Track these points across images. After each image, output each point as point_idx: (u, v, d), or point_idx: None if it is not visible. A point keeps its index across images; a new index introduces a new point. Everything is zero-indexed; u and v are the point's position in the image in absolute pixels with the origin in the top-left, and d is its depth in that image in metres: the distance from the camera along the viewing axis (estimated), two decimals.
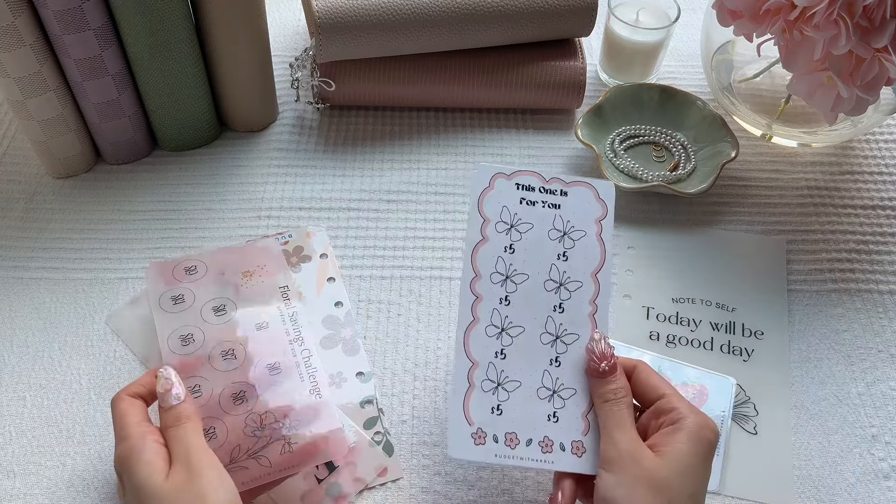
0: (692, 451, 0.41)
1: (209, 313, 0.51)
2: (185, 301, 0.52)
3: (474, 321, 0.45)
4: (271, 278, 0.54)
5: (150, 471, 0.40)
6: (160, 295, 0.52)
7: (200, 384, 0.47)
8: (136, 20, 0.58)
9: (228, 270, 0.54)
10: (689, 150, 0.67)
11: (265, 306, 0.53)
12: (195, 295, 0.52)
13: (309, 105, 0.72)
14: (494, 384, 0.45)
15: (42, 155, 0.64)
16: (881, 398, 0.55)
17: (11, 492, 0.50)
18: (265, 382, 0.48)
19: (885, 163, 0.70)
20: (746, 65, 0.71)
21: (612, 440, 0.42)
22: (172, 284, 0.53)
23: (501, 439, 0.44)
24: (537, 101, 0.71)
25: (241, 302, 0.52)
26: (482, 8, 0.66)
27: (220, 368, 0.48)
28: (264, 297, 0.53)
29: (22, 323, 0.57)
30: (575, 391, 0.45)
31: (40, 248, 0.62)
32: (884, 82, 0.55)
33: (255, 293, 0.53)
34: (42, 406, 0.53)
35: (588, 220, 0.47)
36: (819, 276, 0.62)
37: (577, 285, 0.46)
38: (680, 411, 0.43)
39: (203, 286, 0.53)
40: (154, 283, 0.53)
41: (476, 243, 0.46)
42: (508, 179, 0.47)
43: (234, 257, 0.55)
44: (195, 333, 0.50)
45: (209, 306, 0.52)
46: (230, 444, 0.46)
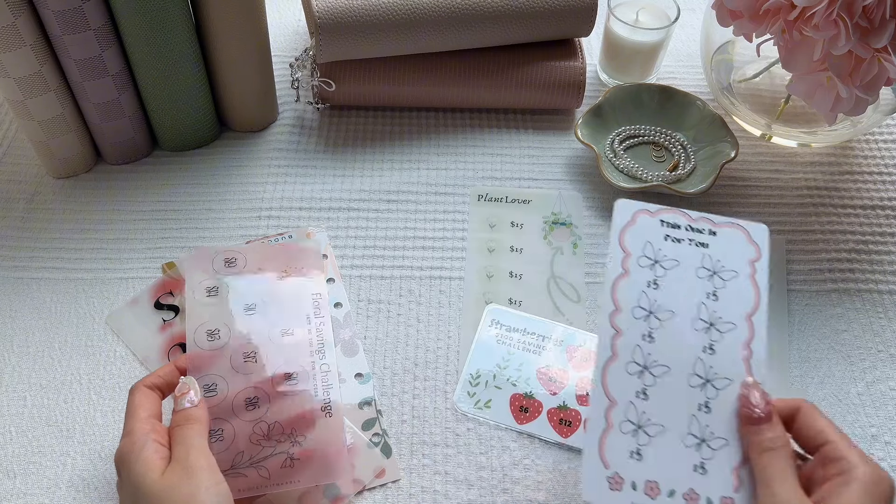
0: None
1: (239, 311, 0.51)
2: (220, 295, 0.52)
3: (613, 357, 0.43)
4: (306, 282, 0.54)
5: (146, 468, 0.41)
6: (196, 284, 0.52)
7: (217, 383, 0.48)
8: (136, 20, 0.58)
9: (267, 266, 0.54)
10: (689, 150, 0.67)
11: (295, 312, 0.53)
12: (229, 288, 0.52)
13: (309, 105, 0.72)
14: (635, 426, 0.42)
15: (42, 155, 0.64)
16: (881, 398, 0.55)
17: (12, 491, 0.50)
18: (280, 392, 0.48)
19: (885, 163, 0.70)
20: (746, 65, 0.71)
21: (772, 493, 0.38)
22: (210, 275, 0.53)
23: (641, 487, 0.41)
24: (537, 101, 0.71)
25: (273, 304, 0.52)
26: (482, 8, 0.66)
27: (240, 371, 0.48)
28: (296, 302, 0.53)
29: (22, 323, 0.57)
30: (726, 442, 0.41)
31: (40, 248, 0.62)
32: (883, 82, 0.55)
33: (288, 296, 0.53)
34: (42, 406, 0.53)
35: (740, 261, 0.44)
36: (819, 276, 0.62)
37: (729, 327, 0.43)
38: (850, 461, 0.38)
39: (238, 280, 0.53)
40: (192, 270, 0.52)
41: (617, 276, 0.44)
42: (652, 216, 0.46)
43: (276, 254, 0.56)
44: (222, 330, 0.50)
45: (240, 303, 0.51)
46: (234, 448, 0.46)
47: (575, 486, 0.51)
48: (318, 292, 0.54)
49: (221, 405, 0.47)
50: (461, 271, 0.61)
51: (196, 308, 0.51)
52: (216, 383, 0.47)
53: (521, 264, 0.62)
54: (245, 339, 0.50)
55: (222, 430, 0.46)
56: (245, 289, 0.52)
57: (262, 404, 0.48)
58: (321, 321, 0.53)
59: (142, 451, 0.41)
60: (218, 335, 0.50)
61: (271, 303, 0.52)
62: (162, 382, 0.47)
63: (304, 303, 0.53)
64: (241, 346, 0.49)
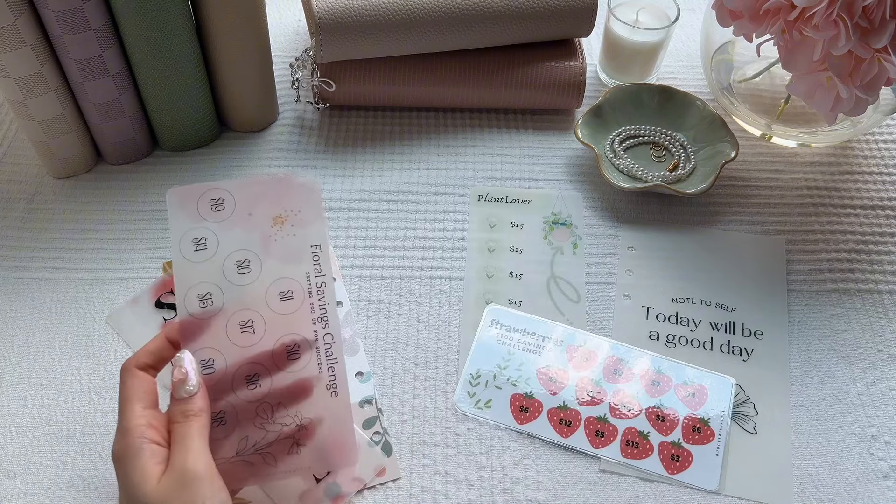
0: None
1: (231, 269, 0.45)
2: (208, 247, 0.45)
3: None
4: (304, 231, 0.46)
5: (141, 477, 0.39)
6: (182, 235, 0.45)
7: (214, 358, 0.44)
8: (137, 20, 0.58)
9: (258, 211, 0.46)
10: (689, 150, 0.67)
11: (294, 267, 0.45)
12: (218, 240, 0.45)
13: (309, 105, 0.72)
14: None
15: (42, 155, 0.64)
16: (881, 398, 0.55)
17: (12, 491, 0.50)
18: (281, 366, 0.45)
19: (885, 163, 0.70)
20: (746, 65, 0.72)
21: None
22: (196, 221, 0.45)
23: None
24: (537, 101, 0.71)
25: (267, 258, 0.45)
26: (482, 8, 0.66)
27: (237, 342, 0.44)
28: (293, 255, 0.46)
29: (22, 323, 0.57)
30: None
31: (40, 248, 0.62)
32: (883, 82, 0.55)
33: (284, 249, 0.46)
34: (42, 406, 0.53)
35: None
36: (819, 276, 0.62)
37: None
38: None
39: (228, 228, 0.45)
40: (176, 215, 0.45)
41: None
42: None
43: (268, 194, 0.46)
44: (214, 293, 0.44)
45: (232, 259, 0.45)
46: (238, 434, 0.44)
47: (575, 486, 0.51)
48: (318, 244, 0.46)
49: (220, 384, 0.43)
50: (461, 271, 0.61)
51: (184, 266, 0.44)
52: (213, 359, 0.44)
53: (521, 264, 0.62)
54: (241, 305, 0.45)
55: (224, 414, 0.43)
56: (236, 240, 0.45)
57: (263, 380, 0.44)
58: (322, 281, 0.46)
59: (137, 458, 0.40)
60: (210, 299, 0.44)
61: (266, 258, 0.46)
62: (154, 360, 0.44)
63: (303, 257, 0.46)
64: (237, 312, 0.45)
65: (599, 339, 0.58)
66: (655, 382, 0.55)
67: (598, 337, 0.58)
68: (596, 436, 0.53)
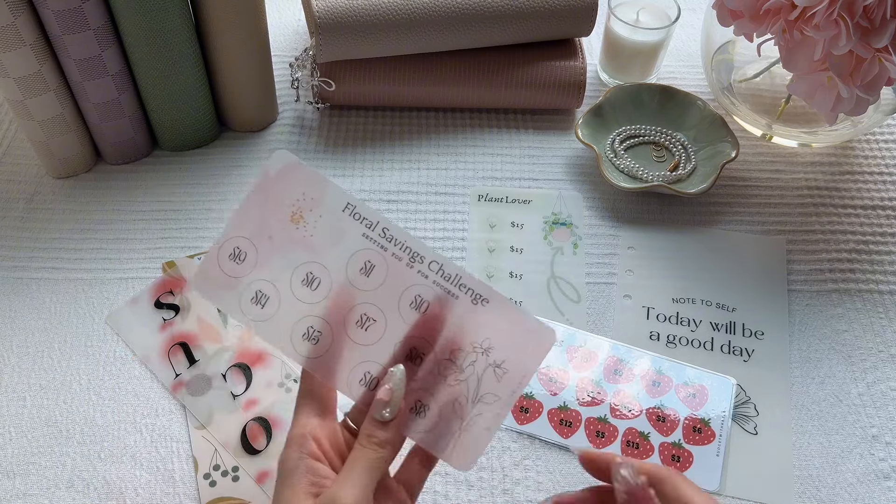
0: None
1: (300, 287, 0.41)
2: (271, 298, 0.41)
3: None
4: (324, 205, 0.42)
5: (291, 497, 0.36)
6: (233, 306, 0.41)
7: (371, 371, 0.42)
8: (136, 20, 0.58)
9: (272, 228, 0.41)
10: (690, 150, 0.67)
11: (349, 241, 0.42)
12: (275, 288, 0.41)
13: (309, 105, 0.72)
14: None
15: (42, 155, 0.64)
16: (881, 398, 0.55)
17: (11, 492, 0.50)
18: (427, 324, 0.41)
19: (886, 163, 0.70)
20: (746, 65, 0.71)
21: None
22: (232, 287, 0.41)
23: None
24: (537, 101, 0.71)
25: (320, 257, 0.42)
26: (482, 8, 0.66)
27: (362, 341, 0.41)
28: (336, 233, 0.42)
29: (22, 323, 0.57)
30: None
31: (40, 248, 0.62)
32: (884, 82, 0.55)
33: (325, 236, 0.41)
34: (42, 406, 0.53)
35: None
36: (819, 276, 0.62)
37: None
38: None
39: (266, 267, 0.41)
40: (210, 295, 0.42)
41: None
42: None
43: (261, 204, 0.42)
44: (317, 326, 0.41)
45: (296, 281, 0.41)
46: (443, 417, 0.41)
47: (575, 486, 0.51)
48: (346, 202, 0.42)
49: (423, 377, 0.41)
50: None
51: (273, 324, 0.41)
52: (369, 371, 0.41)
53: (521, 264, 0.62)
54: (342, 311, 0.42)
55: (426, 406, 0.41)
56: (283, 266, 0.42)
57: (427, 351, 0.41)
58: (382, 227, 0.42)
59: (291, 476, 0.36)
60: (318, 333, 0.42)
61: (319, 257, 0.42)
62: None
63: (345, 225, 0.42)
64: (347, 316, 0.42)
65: (600, 340, 0.57)
66: (656, 383, 0.55)
67: (599, 337, 0.58)
68: (596, 436, 0.53)
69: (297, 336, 0.41)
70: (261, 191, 0.42)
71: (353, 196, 0.41)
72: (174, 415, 0.53)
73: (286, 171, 0.41)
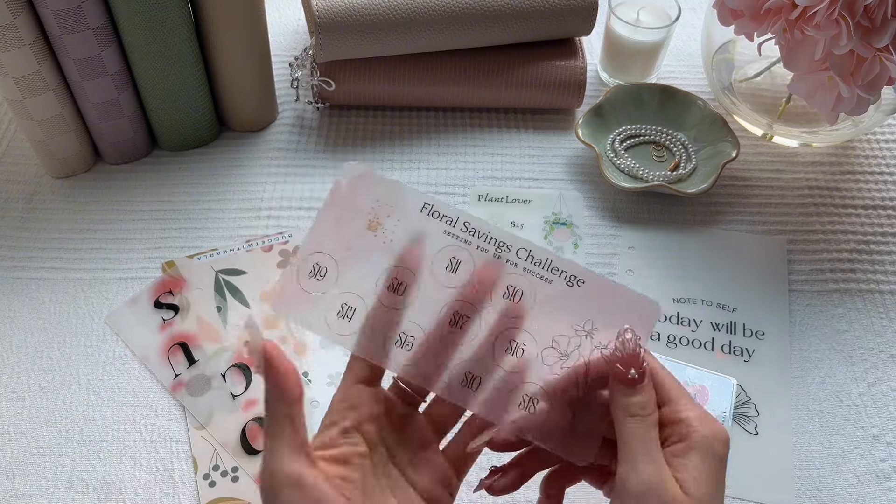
0: (712, 480, 0.35)
1: (383, 292, 0.39)
2: (358, 310, 0.40)
3: None
4: (402, 209, 0.40)
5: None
6: (319, 325, 0.40)
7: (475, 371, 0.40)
8: (136, 20, 0.58)
9: (350, 240, 0.40)
10: (690, 149, 0.67)
11: (430, 241, 0.40)
12: (363, 299, 0.40)
13: (309, 105, 0.72)
14: None
15: (41, 155, 0.64)
16: (882, 399, 0.55)
17: (10, 492, 0.49)
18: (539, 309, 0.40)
19: (886, 163, 0.69)
20: (747, 64, 0.71)
21: (635, 469, 0.35)
22: (315, 304, 0.40)
23: None
24: (537, 100, 0.71)
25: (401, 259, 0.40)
26: (482, 8, 0.66)
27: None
28: (417, 232, 0.40)
29: (21, 323, 0.57)
30: None
31: (40, 248, 0.62)
32: (885, 82, 0.55)
33: (406, 237, 0.40)
34: (41, 406, 0.53)
35: None
36: (820, 276, 0.62)
37: None
38: (691, 423, 0.36)
39: (349, 279, 0.40)
40: (292, 315, 0.40)
41: None
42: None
43: (338, 216, 0.40)
44: (412, 330, 0.40)
45: (383, 288, 0.40)
46: (554, 408, 0.39)
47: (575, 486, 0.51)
48: (423, 202, 0.40)
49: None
50: None
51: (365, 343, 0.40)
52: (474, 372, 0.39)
53: None
54: (435, 310, 0.40)
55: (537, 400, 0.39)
56: (365, 277, 0.41)
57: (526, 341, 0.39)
58: (464, 222, 0.40)
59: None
60: (411, 338, 0.41)
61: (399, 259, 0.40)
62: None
63: (422, 223, 0.41)
64: (441, 321, 0.40)
65: None
66: None
67: None
68: None
69: (390, 345, 0.39)
70: (334, 204, 0.40)
71: (429, 196, 0.40)
72: (174, 415, 0.53)
73: (359, 181, 0.40)
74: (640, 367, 0.37)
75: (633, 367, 0.37)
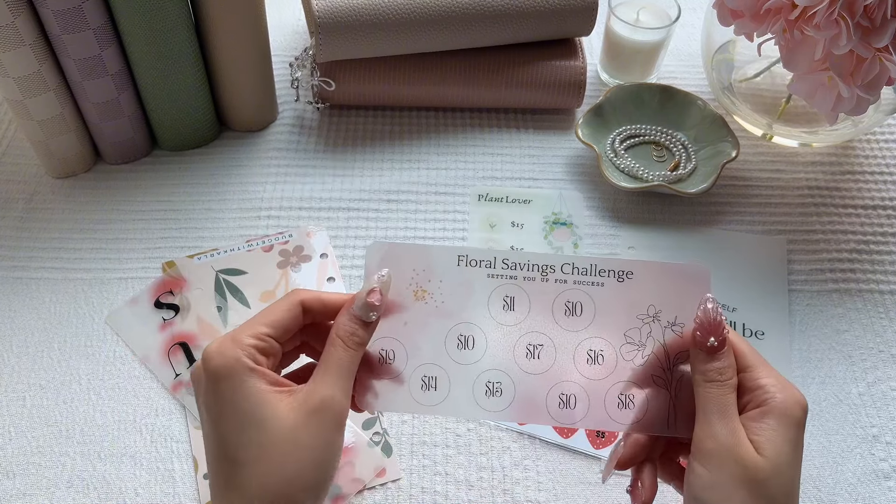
0: (788, 443, 0.36)
1: (455, 350, 0.41)
2: (439, 377, 0.41)
3: None
4: (436, 271, 0.41)
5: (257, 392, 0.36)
6: (409, 404, 0.40)
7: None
8: (136, 20, 0.58)
9: (404, 315, 0.41)
10: (690, 149, 0.67)
11: (478, 289, 0.41)
12: (440, 365, 0.41)
13: (309, 105, 0.72)
14: None
15: (41, 155, 0.64)
16: (882, 398, 0.55)
17: (11, 492, 0.49)
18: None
19: (886, 162, 0.69)
20: (747, 64, 0.71)
21: (711, 429, 0.36)
22: (398, 386, 0.40)
23: None
24: (537, 100, 0.71)
25: (461, 315, 0.41)
26: (482, 8, 0.66)
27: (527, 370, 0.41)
28: (463, 285, 0.41)
29: (21, 323, 0.57)
30: None
31: (40, 248, 0.62)
32: (884, 82, 0.55)
33: (454, 294, 0.41)
34: (41, 406, 0.53)
35: None
36: (820, 276, 0.62)
37: None
38: (768, 389, 0.37)
39: (419, 351, 0.41)
40: (385, 406, 0.41)
41: None
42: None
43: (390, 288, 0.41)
44: (503, 381, 0.41)
45: (453, 347, 0.41)
46: (650, 397, 0.40)
47: (575, 486, 0.51)
48: (458, 258, 0.41)
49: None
50: None
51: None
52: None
53: None
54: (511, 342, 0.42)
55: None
56: (432, 346, 0.42)
57: (602, 346, 0.41)
58: (510, 276, 0.41)
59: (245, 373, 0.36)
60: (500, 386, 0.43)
61: (454, 315, 0.41)
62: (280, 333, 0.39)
63: (475, 287, 0.42)
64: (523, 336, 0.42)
65: None
66: None
67: None
68: (596, 436, 0.53)
69: (481, 398, 0.41)
70: (373, 273, 0.41)
71: (459, 248, 0.42)
72: (174, 415, 0.53)
73: (387, 259, 0.41)
74: (721, 335, 0.38)
75: (714, 335, 0.38)
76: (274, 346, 0.38)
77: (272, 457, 0.35)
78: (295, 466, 0.35)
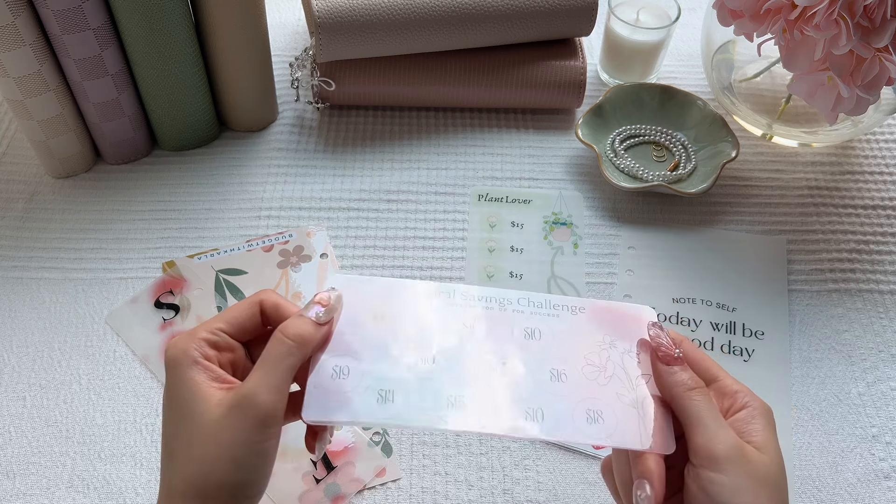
0: (776, 442, 0.38)
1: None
2: (395, 390, 0.39)
3: None
4: (393, 304, 0.42)
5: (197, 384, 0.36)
6: (362, 417, 0.39)
7: None
8: (136, 20, 0.58)
9: (360, 333, 0.41)
10: (690, 149, 0.67)
11: (438, 316, 0.42)
12: (393, 378, 0.40)
13: (309, 105, 0.72)
14: None
15: (42, 155, 0.64)
16: (882, 398, 0.55)
17: (11, 492, 0.50)
18: None
19: (886, 162, 0.69)
20: (747, 64, 0.71)
21: (715, 435, 0.36)
22: (348, 401, 0.39)
23: None
24: (537, 100, 0.71)
25: (417, 335, 0.41)
26: (482, 8, 0.66)
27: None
28: (421, 314, 0.42)
29: (22, 323, 0.57)
30: None
31: (40, 248, 0.62)
32: (884, 82, 0.55)
33: (412, 320, 0.41)
34: (41, 406, 0.53)
35: None
36: (820, 276, 0.62)
37: None
38: (744, 394, 0.39)
39: (372, 366, 0.40)
40: (330, 417, 0.38)
41: None
42: None
43: (341, 324, 0.41)
44: None
45: (411, 363, 0.40)
46: (617, 413, 0.40)
47: (575, 486, 0.51)
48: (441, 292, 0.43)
49: None
50: (461, 271, 0.61)
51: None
52: None
53: (521, 264, 0.62)
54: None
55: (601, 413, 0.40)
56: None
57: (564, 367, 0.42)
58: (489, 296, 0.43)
59: (191, 365, 0.36)
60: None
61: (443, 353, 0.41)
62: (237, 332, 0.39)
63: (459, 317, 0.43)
64: None
65: None
66: None
67: None
68: None
69: (443, 407, 0.39)
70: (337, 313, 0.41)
71: (420, 281, 0.43)
72: None
73: (347, 290, 0.41)
74: (678, 347, 0.40)
75: (674, 348, 0.39)
76: (228, 342, 0.38)
77: (194, 451, 0.35)
78: (213, 463, 0.35)
